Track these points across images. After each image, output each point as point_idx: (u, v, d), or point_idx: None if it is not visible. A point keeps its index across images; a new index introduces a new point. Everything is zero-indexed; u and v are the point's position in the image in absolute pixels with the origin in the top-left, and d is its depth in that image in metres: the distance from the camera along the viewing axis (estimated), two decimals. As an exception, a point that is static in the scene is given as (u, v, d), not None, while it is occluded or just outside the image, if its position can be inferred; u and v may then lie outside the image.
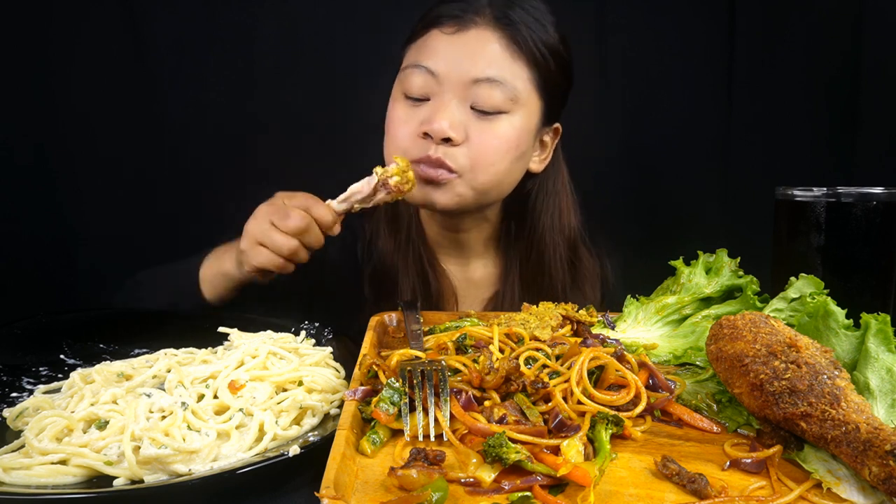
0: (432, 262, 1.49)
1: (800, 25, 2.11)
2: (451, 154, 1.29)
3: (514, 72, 1.29)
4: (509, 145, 1.31)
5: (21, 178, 1.97)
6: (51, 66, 1.96)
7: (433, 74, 1.29)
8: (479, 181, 1.32)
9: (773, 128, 2.17)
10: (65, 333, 1.15)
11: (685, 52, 2.18)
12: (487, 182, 1.33)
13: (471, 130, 1.29)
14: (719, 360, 0.84)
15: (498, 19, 1.29)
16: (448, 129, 1.26)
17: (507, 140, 1.31)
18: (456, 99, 1.28)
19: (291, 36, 2.07)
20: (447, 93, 1.28)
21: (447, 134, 1.26)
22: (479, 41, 1.28)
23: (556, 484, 0.68)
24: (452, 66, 1.28)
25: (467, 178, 1.31)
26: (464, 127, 1.28)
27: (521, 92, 1.30)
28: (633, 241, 1.93)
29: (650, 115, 2.21)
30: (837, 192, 1.07)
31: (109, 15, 1.98)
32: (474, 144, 1.29)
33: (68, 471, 0.76)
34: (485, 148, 1.29)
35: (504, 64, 1.28)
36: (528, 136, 1.36)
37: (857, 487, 0.68)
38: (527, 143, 1.36)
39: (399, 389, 0.80)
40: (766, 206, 1.20)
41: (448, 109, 1.27)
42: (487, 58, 1.28)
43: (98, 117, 2.01)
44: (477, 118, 1.29)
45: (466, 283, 1.55)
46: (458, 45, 1.29)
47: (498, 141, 1.30)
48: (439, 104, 1.29)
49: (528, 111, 1.33)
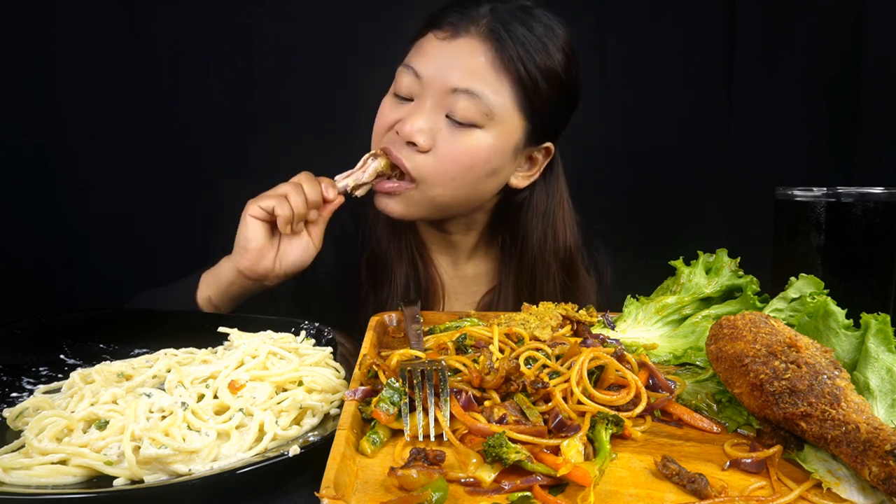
0: (423, 256, 1.50)
1: (800, 25, 2.11)
2: (414, 160, 1.28)
3: (496, 88, 1.27)
4: (474, 161, 1.29)
5: (21, 178, 1.97)
6: (51, 66, 1.96)
7: (418, 77, 1.29)
8: (435, 193, 1.31)
9: (773, 128, 2.17)
10: (65, 333, 1.15)
11: (685, 52, 2.18)
12: (445, 195, 1.32)
13: (439, 139, 1.28)
14: (719, 360, 0.84)
15: (490, 32, 1.27)
16: (415, 133, 1.26)
17: (473, 155, 1.28)
18: (433, 105, 1.28)
19: (291, 36, 2.07)
20: (427, 98, 1.28)
21: (413, 138, 1.26)
22: (465, 51, 1.27)
23: (556, 484, 0.68)
24: (436, 71, 1.27)
25: (423, 189, 1.31)
26: (433, 134, 1.27)
27: (499, 109, 1.28)
28: (633, 241, 1.93)
29: (650, 115, 2.22)
30: (837, 192, 1.07)
31: (109, 15, 1.98)
32: (440, 153, 1.28)
33: (68, 471, 0.76)
34: (449, 159, 1.28)
35: (487, 78, 1.26)
36: (502, 155, 1.32)
37: (857, 487, 0.68)
38: (499, 160, 1.33)
39: (399, 389, 0.80)
40: (766, 206, 1.20)
41: (422, 114, 1.27)
42: (470, 69, 1.26)
43: (98, 117, 2.01)
44: (449, 128, 1.28)
45: (459, 279, 1.56)
46: (445, 52, 1.28)
47: (461, 154, 1.28)
48: (417, 107, 1.29)
49: (504, 129, 1.30)
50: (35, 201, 2.00)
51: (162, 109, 2.05)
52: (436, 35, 1.31)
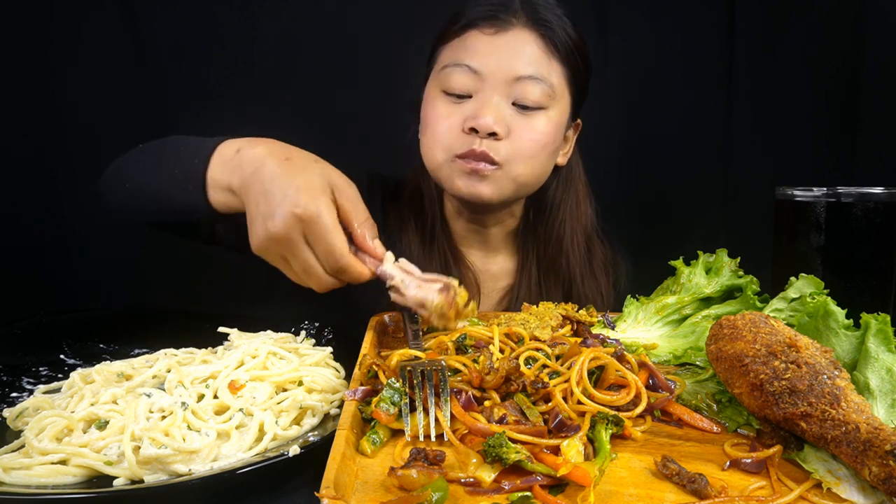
0: (457, 257, 1.54)
1: (800, 25, 2.11)
2: (494, 147, 1.35)
3: (551, 69, 1.37)
4: (547, 139, 1.39)
5: (21, 178, 1.97)
6: (51, 66, 1.95)
7: (476, 72, 1.35)
8: (518, 172, 1.38)
9: (773, 128, 2.17)
10: (65, 333, 1.15)
11: (685, 52, 2.18)
12: (525, 174, 1.40)
13: (512, 125, 1.36)
14: (719, 360, 0.84)
15: (533, 21, 1.37)
16: (493, 124, 1.32)
17: (545, 133, 1.38)
18: (498, 95, 1.35)
19: (291, 36, 2.07)
20: (490, 90, 1.35)
21: (493, 128, 1.32)
22: (518, 41, 1.36)
23: (556, 484, 0.68)
24: (495, 64, 1.35)
25: (507, 170, 1.38)
26: (506, 122, 1.35)
27: (557, 88, 1.38)
28: (633, 241, 1.93)
29: (650, 115, 2.22)
30: (837, 192, 1.07)
31: (109, 15, 1.98)
32: (516, 138, 1.36)
33: (68, 471, 0.76)
34: (525, 141, 1.36)
35: (542, 62, 1.36)
36: (561, 130, 1.44)
37: (857, 487, 0.68)
38: (560, 136, 1.44)
39: (399, 389, 0.80)
40: (766, 206, 1.20)
41: (492, 105, 1.34)
42: (527, 57, 1.35)
43: (98, 117, 2.00)
44: (518, 114, 1.36)
45: (485, 274, 1.60)
46: (498, 45, 1.36)
47: (537, 134, 1.37)
48: (483, 100, 1.35)
49: (562, 107, 1.41)
50: (35, 201, 2.00)
51: (162, 109, 2.04)
52: (482, 32, 1.38)
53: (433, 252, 1.51)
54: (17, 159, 1.97)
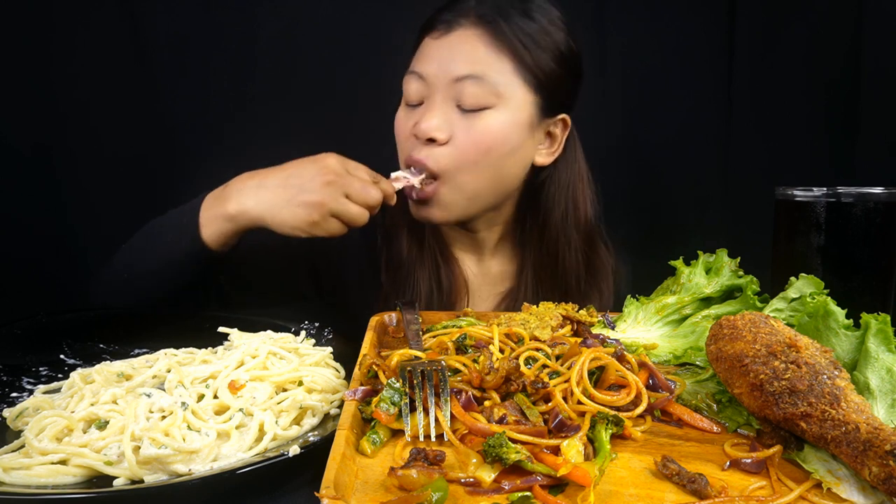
0: (447, 259, 1.51)
1: (800, 25, 2.11)
2: (433, 155, 1.32)
3: (497, 67, 1.31)
4: (493, 141, 1.32)
5: (21, 177, 1.97)
6: (51, 65, 1.96)
7: (423, 78, 1.33)
8: (461, 181, 1.34)
9: (773, 128, 2.17)
10: (65, 333, 1.15)
11: (685, 52, 2.19)
12: (472, 182, 1.34)
13: (456, 129, 1.31)
14: (719, 360, 0.84)
15: (480, 18, 1.32)
16: (433, 130, 1.30)
17: (491, 135, 1.32)
18: (442, 99, 1.32)
19: (291, 36, 2.07)
20: (435, 94, 1.32)
21: (431, 134, 1.30)
22: (461, 41, 1.32)
23: (556, 484, 0.68)
24: (438, 67, 1.32)
25: (452, 184, 1.33)
26: (449, 126, 1.31)
27: (505, 86, 1.31)
28: (633, 241, 1.93)
29: (650, 115, 2.22)
30: (837, 192, 1.07)
31: (109, 15, 1.98)
32: (459, 142, 1.31)
33: (68, 471, 0.76)
34: (468, 144, 1.31)
35: (486, 60, 1.30)
36: (518, 131, 1.35)
37: (857, 487, 0.68)
38: (517, 137, 1.35)
39: (399, 389, 0.80)
40: (766, 206, 1.20)
41: (435, 110, 1.31)
42: (468, 55, 1.31)
43: (98, 117, 2.01)
44: (462, 116, 1.32)
45: (482, 277, 1.57)
46: (442, 48, 1.33)
47: (482, 136, 1.31)
48: (427, 106, 1.33)
49: (514, 105, 1.33)
50: (35, 201, 2.00)
51: (162, 109, 2.05)
52: (431, 37, 1.35)
53: (423, 255, 1.48)
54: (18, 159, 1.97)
